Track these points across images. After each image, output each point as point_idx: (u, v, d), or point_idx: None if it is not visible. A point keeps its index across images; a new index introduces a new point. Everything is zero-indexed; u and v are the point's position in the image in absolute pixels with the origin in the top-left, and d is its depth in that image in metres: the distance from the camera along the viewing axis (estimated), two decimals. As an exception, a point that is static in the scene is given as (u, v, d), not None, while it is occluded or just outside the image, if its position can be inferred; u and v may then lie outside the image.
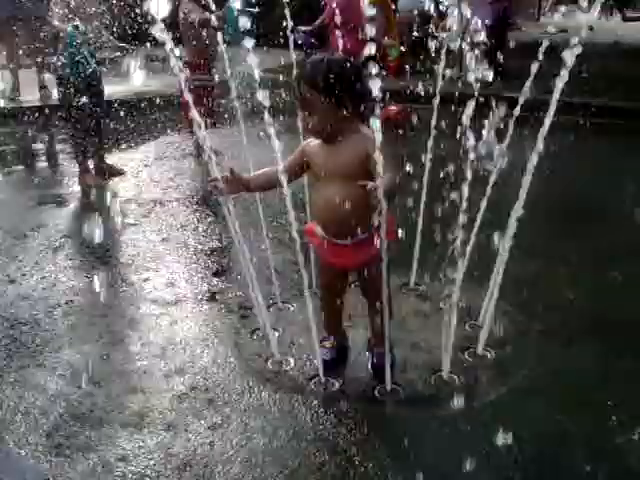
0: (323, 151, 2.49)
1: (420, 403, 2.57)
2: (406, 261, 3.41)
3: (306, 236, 2.66)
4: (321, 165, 2.48)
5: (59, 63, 5.10)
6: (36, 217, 4.65)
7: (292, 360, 2.83)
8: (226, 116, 5.22)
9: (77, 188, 5.30)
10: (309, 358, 2.81)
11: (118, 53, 5.48)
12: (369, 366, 2.75)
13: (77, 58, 4.81)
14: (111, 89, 5.98)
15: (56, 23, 4.90)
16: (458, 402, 2.49)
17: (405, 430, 2.42)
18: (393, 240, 2.49)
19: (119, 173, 5.63)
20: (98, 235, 3.93)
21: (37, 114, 7.35)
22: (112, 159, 5.83)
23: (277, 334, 2.99)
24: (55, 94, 5.30)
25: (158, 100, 7.29)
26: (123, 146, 6.65)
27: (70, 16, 4.84)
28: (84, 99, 5.05)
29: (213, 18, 4.27)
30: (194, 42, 5.54)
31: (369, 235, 2.51)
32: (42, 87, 8.35)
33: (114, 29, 7.87)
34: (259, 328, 3.04)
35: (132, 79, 7.53)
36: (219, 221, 4.40)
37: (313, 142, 2.55)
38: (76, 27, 4.78)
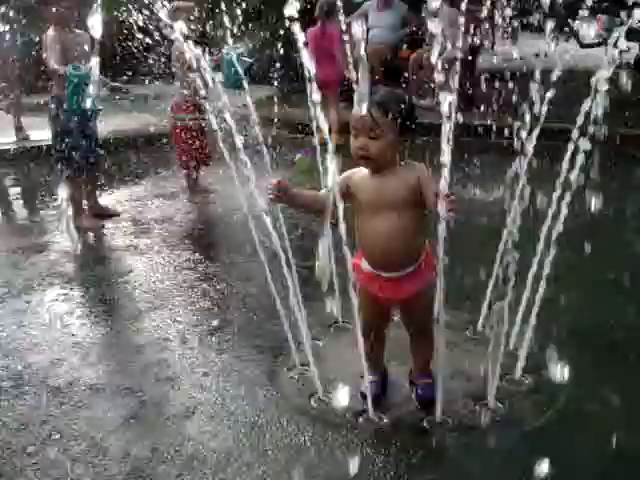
0: (372, 182, 2.53)
1: (470, 432, 2.60)
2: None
3: (353, 271, 2.69)
4: (371, 196, 2.52)
5: (52, 105, 5.07)
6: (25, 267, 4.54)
7: (336, 397, 2.82)
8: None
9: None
10: (353, 394, 2.81)
11: (111, 92, 5.45)
12: (414, 398, 2.77)
13: (76, 98, 4.79)
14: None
15: (53, 64, 4.87)
16: (507, 429, 2.53)
17: (461, 459, 2.46)
18: (435, 276, 2.53)
19: (114, 214, 5.58)
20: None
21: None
22: (104, 200, 5.81)
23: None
24: (35, 136, 5.28)
25: (142, 139, 7.31)
26: (114, 186, 6.61)
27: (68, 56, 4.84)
28: (79, 139, 5.03)
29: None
30: (185, 83, 5.57)
31: (417, 267, 2.58)
32: (19, 128, 8.26)
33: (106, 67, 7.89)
34: (295, 366, 3.05)
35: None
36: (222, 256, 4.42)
37: (358, 173, 2.58)
38: (76, 67, 4.76)
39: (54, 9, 4.86)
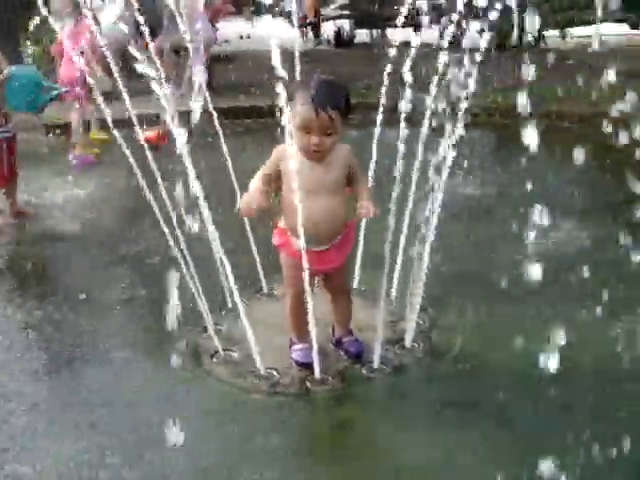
0: (308, 167, 2.72)
1: (402, 370, 2.99)
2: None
3: (279, 248, 2.88)
4: (309, 179, 2.70)
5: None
6: None
7: (276, 371, 2.98)
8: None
9: None
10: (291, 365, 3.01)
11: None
12: (346, 355, 3.06)
13: None
14: None
15: None
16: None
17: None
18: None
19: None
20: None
21: None
22: None
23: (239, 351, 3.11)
24: None
25: None
26: None
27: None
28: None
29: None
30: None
31: (342, 239, 2.87)
32: None
33: None
34: (217, 351, 3.13)
35: None
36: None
37: (288, 155, 2.68)
38: None
39: None
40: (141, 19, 3.28)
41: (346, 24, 15.80)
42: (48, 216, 5.17)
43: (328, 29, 16.57)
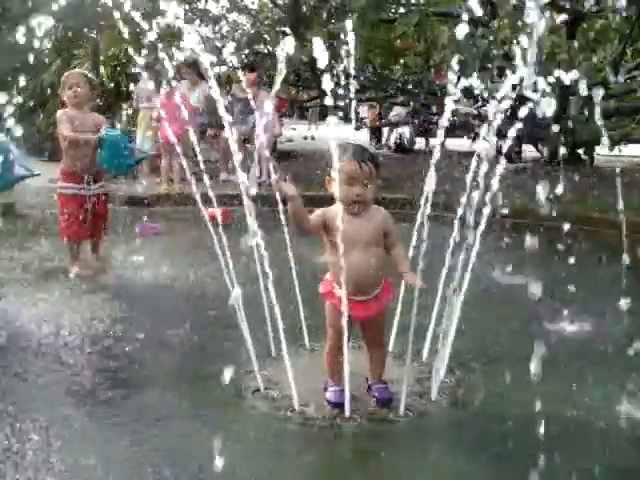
0: (352, 221, 3.14)
1: (424, 418, 3.28)
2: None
3: (324, 297, 3.28)
4: (352, 233, 3.10)
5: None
6: None
7: (310, 408, 3.30)
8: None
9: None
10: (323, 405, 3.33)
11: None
12: (374, 401, 3.36)
13: None
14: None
15: None
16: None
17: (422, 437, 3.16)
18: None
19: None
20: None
21: None
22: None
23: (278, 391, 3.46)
24: None
25: None
26: None
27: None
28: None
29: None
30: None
31: (380, 291, 3.25)
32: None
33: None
34: (259, 389, 3.48)
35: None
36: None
37: (332, 212, 3.14)
38: None
39: None
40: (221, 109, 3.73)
41: (407, 131, 16.65)
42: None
43: (390, 135, 17.45)
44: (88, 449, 2.91)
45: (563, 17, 10.96)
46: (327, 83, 2.82)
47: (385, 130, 18.02)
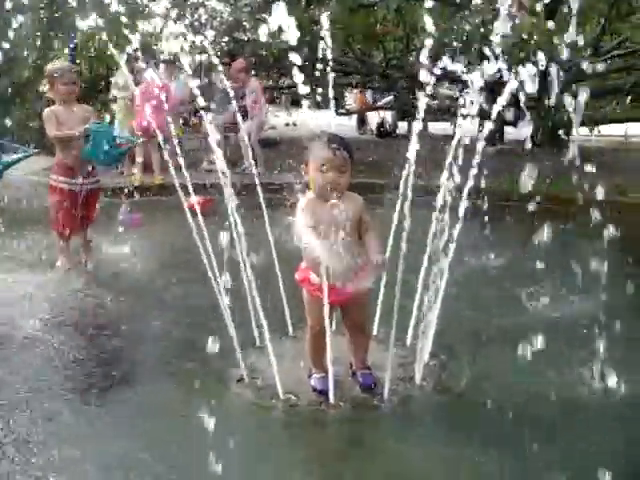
0: (325, 209, 3.11)
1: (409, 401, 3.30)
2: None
3: (300, 284, 3.28)
4: (324, 220, 3.09)
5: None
6: None
7: (295, 396, 3.31)
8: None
9: None
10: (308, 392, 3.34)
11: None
12: (359, 386, 3.38)
13: None
14: None
15: None
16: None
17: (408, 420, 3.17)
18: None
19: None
20: None
21: None
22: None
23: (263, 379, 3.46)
24: None
25: None
26: None
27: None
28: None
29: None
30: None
31: (359, 274, 3.24)
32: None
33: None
34: (243, 378, 3.48)
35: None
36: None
37: (309, 201, 3.15)
38: None
39: None
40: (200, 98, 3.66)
41: (389, 116, 16.60)
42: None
43: (371, 120, 17.39)
44: (70, 442, 2.92)
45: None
46: (298, 66, 2.78)
47: (369, 115, 17.98)
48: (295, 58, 2.72)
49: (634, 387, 3.06)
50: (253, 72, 10.89)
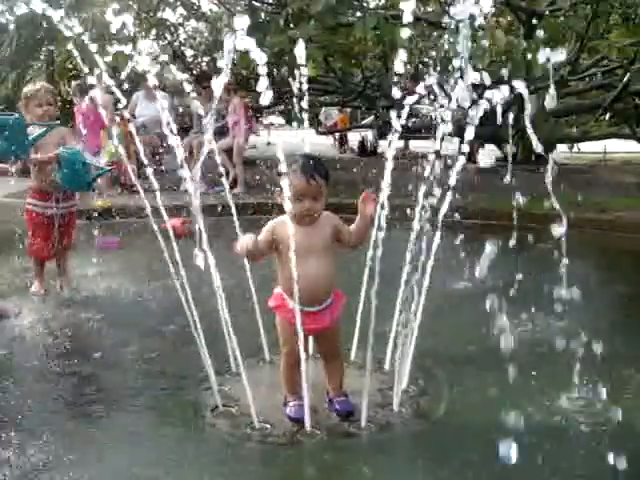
0: (299, 232, 3.01)
1: (388, 430, 3.19)
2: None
3: (274, 310, 3.19)
4: (301, 243, 2.99)
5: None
6: None
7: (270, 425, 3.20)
8: None
9: None
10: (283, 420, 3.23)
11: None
12: (336, 413, 3.28)
13: None
14: None
15: None
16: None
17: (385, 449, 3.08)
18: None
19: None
20: None
21: None
22: None
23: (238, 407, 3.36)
24: None
25: None
26: None
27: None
28: None
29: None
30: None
31: (332, 301, 3.18)
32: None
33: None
34: (217, 406, 3.37)
35: None
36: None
37: (280, 225, 3.09)
38: None
39: None
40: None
41: (370, 134, 16.64)
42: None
43: (353, 139, 17.43)
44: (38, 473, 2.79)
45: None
46: (264, 87, 2.73)
47: (350, 134, 18.03)
48: (262, 70, 2.68)
49: (617, 410, 3.00)
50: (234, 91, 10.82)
